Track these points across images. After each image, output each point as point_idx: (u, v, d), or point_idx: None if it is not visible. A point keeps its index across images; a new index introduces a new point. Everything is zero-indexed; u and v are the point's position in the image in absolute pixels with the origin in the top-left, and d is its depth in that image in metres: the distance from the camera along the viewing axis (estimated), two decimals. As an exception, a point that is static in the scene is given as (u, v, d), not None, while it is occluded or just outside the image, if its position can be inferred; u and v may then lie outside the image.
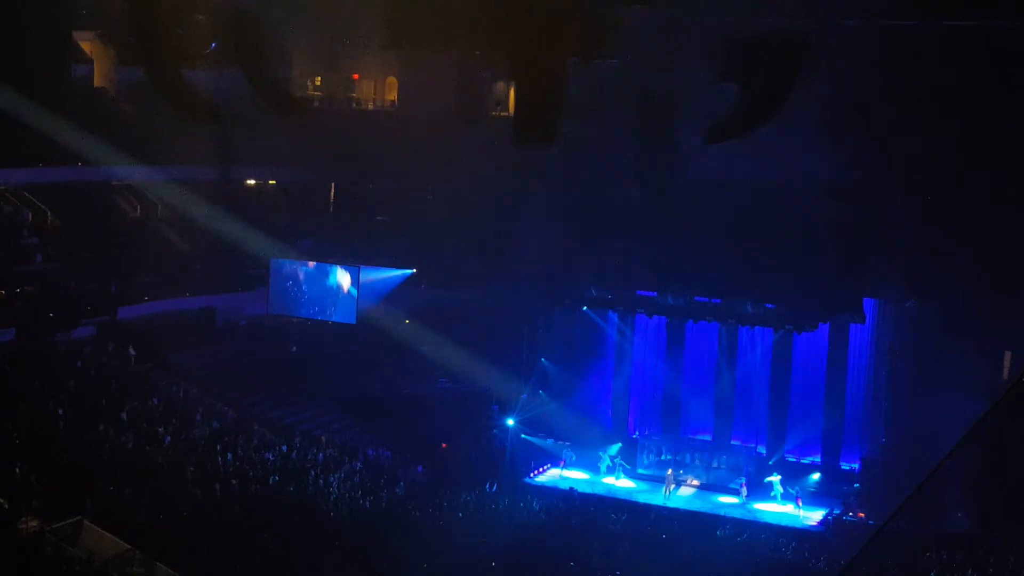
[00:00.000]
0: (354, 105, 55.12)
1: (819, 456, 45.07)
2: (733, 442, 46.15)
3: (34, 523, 30.28)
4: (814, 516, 41.75)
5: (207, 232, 48.32)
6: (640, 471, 45.59)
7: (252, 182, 54.49)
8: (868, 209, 41.86)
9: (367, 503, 38.02)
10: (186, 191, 48.87)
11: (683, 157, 40.95)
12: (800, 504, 42.00)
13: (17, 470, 32.11)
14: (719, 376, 46.57)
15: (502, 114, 48.84)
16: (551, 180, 44.42)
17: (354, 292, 48.48)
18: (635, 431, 48.19)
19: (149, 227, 49.94)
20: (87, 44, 50.29)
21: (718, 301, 44.76)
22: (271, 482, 37.40)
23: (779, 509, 42.30)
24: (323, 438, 43.00)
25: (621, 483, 44.74)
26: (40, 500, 31.23)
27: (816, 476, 44.10)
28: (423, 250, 49.11)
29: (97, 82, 50.75)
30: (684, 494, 43.83)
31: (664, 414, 47.87)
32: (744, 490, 43.19)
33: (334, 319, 49.12)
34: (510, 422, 46.66)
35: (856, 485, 42.95)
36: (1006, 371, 40.39)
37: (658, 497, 43.09)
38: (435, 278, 49.73)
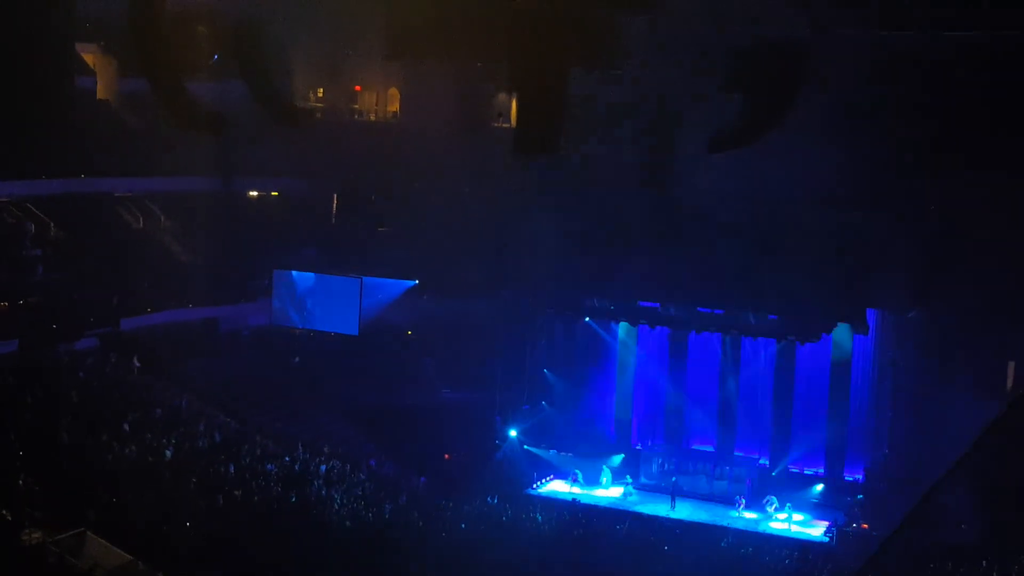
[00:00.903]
0: (356, 116, 55.22)
1: (822, 467, 44.98)
2: (736, 453, 46.11)
3: (37, 534, 30.25)
4: (813, 530, 41.68)
5: (209, 243, 48.38)
6: (643, 482, 45.53)
7: (254, 193, 54.58)
8: (870, 219, 41.83)
9: (370, 514, 37.97)
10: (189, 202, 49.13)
11: (685, 167, 40.96)
12: (789, 517, 41.92)
13: (20, 481, 32.10)
14: (722, 387, 46.52)
15: (504, 125, 48.87)
16: (553, 191, 44.44)
17: (356, 303, 48.50)
18: (638, 442, 48.13)
19: (152, 238, 50.00)
20: (90, 56, 50.44)
21: (721, 312, 44.73)
22: (274, 493, 37.38)
23: (775, 524, 42.32)
24: (326, 449, 42.99)
25: (620, 494, 44.66)
26: (43, 511, 31.22)
27: (819, 487, 44.01)
28: (425, 261, 49.12)
29: (100, 94, 50.89)
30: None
31: (667, 425, 47.81)
32: (742, 502, 43.11)
33: (337, 330, 49.18)
34: (512, 433, 46.75)
35: (860, 496, 42.88)
36: (1010, 381, 40.35)
37: (661, 508, 43.03)
38: (437, 289, 49.73)
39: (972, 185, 39.76)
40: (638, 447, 47.65)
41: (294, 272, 49.52)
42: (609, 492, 44.80)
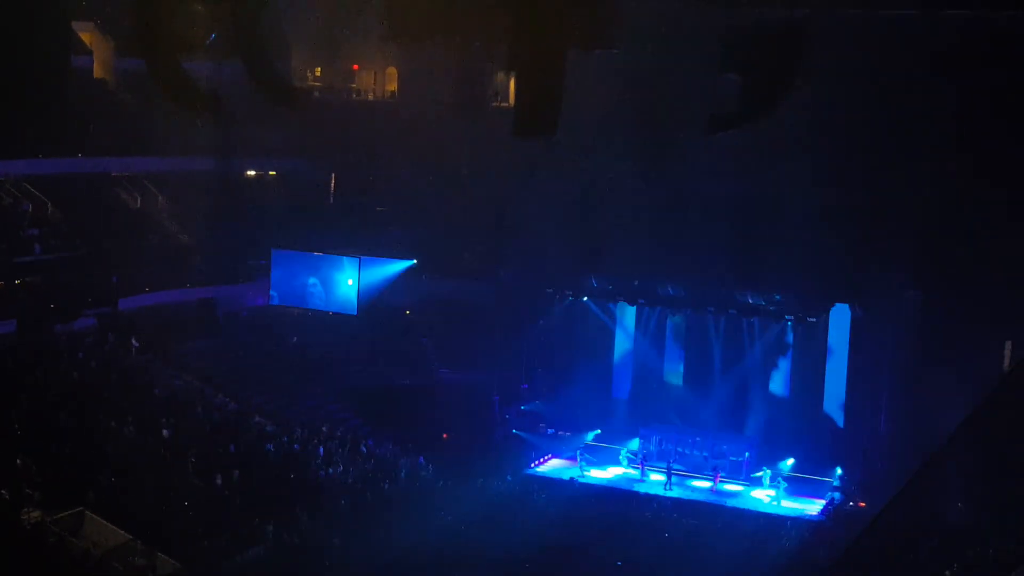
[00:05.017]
0: (354, 96, 55.07)
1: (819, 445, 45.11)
2: (733, 432, 46.22)
3: (36, 514, 30.31)
4: (810, 508, 41.81)
5: (208, 223, 48.30)
6: (640, 461, 45.60)
7: (252, 173, 54.45)
8: (869, 199, 41.83)
9: (368, 493, 38.08)
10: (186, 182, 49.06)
11: (683, 147, 40.90)
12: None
13: (19, 461, 32.14)
14: (719, 366, 46.63)
15: (502, 104, 48.76)
16: (551, 171, 44.39)
17: (355, 283, 48.51)
18: (636, 421, 48.21)
19: (149, 218, 49.91)
20: (86, 35, 50.16)
21: (718, 291, 44.79)
22: (272, 473, 37.45)
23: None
24: (324, 429, 43.05)
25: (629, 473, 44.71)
26: (42, 491, 31.26)
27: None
28: (424, 241, 49.11)
29: (96, 73, 50.62)
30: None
31: (664, 404, 47.90)
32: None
33: (335, 310, 49.18)
34: (511, 412, 46.85)
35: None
36: (1007, 361, 40.37)
37: (658, 487, 43.13)
38: (436, 269, 49.74)
39: (971, 165, 39.73)
40: (636, 424, 47.78)
41: (292, 252, 49.48)
42: (618, 471, 44.75)
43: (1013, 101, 37.78)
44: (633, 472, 44.44)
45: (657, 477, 43.92)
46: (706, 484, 43.40)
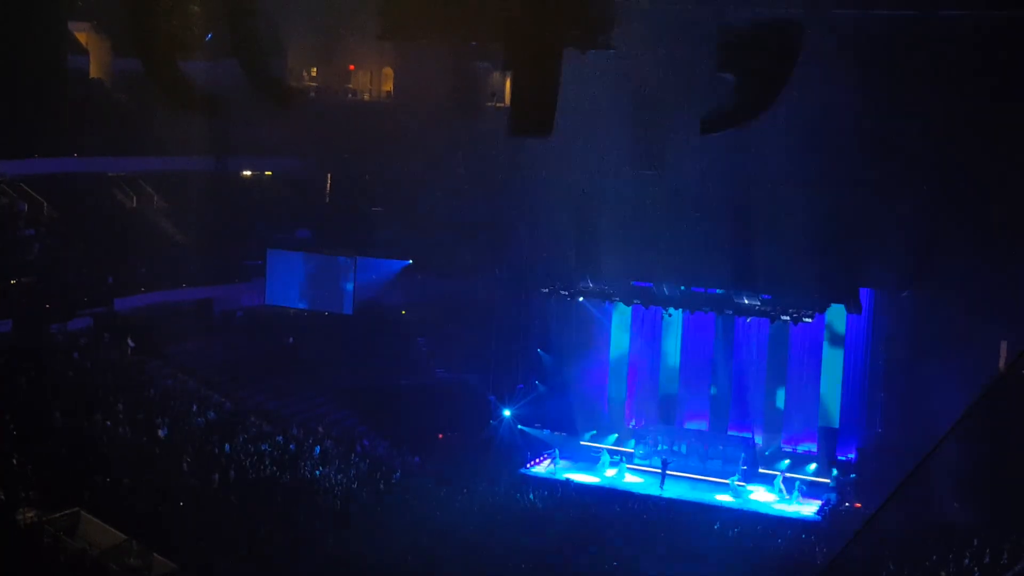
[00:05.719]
0: (350, 96, 55.08)
1: (815, 446, 45.16)
2: (729, 432, 46.26)
3: (31, 514, 30.26)
4: (808, 508, 41.82)
5: (203, 223, 48.30)
6: (636, 462, 45.64)
7: (248, 173, 54.45)
8: (864, 199, 41.87)
9: (364, 493, 38.08)
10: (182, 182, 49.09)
11: (679, 147, 40.91)
12: (794, 497, 42.05)
13: (14, 461, 32.11)
14: (715, 366, 46.67)
15: (498, 105, 48.77)
16: (547, 171, 44.38)
17: (350, 283, 48.51)
18: (631, 421, 48.27)
19: (145, 218, 49.90)
20: (83, 35, 50.18)
21: (714, 292, 44.82)
22: (268, 472, 37.44)
23: (771, 498, 42.48)
24: (320, 429, 43.06)
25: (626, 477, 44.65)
26: (37, 491, 31.22)
27: (813, 466, 44.19)
28: (419, 241, 49.12)
29: (93, 73, 50.64)
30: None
31: (660, 404, 47.95)
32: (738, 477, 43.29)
33: (331, 310, 49.17)
34: (507, 412, 46.82)
35: (853, 476, 43.04)
36: (1002, 361, 40.40)
37: (653, 488, 43.16)
38: (432, 269, 49.75)
39: (967, 165, 39.78)
40: (631, 426, 47.80)
41: (288, 252, 49.47)
42: (608, 474, 44.72)
43: (1009, 100, 37.82)
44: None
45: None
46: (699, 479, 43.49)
